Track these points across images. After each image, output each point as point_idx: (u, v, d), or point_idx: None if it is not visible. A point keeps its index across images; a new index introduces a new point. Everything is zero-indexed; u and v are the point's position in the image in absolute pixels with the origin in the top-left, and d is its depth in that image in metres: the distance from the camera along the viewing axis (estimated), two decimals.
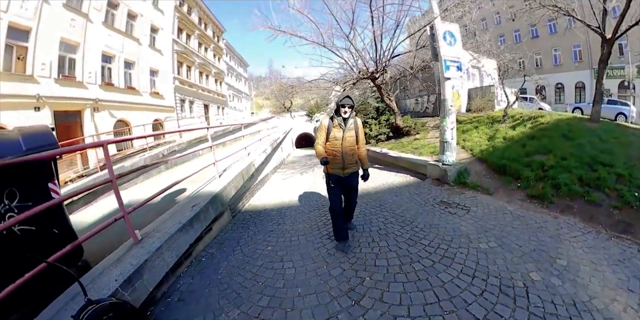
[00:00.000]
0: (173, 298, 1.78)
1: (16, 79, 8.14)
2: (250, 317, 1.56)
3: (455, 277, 1.72)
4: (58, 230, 2.00)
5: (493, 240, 2.18)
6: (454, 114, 4.22)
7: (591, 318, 1.48)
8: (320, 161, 2.22)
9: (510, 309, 1.42)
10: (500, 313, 1.40)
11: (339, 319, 1.49)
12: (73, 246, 1.47)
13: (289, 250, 2.37)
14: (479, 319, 1.36)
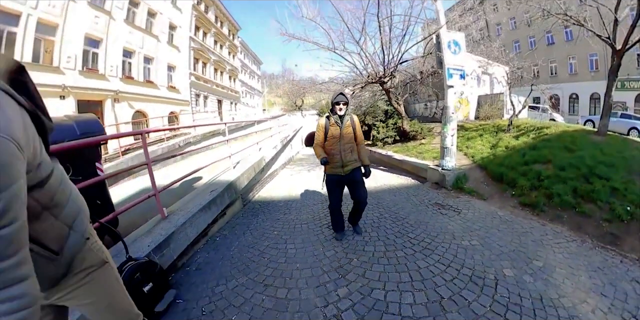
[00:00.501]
0: (192, 268, 2.13)
1: (44, 70, 8.78)
2: (256, 282, 1.92)
3: (431, 265, 1.98)
4: (100, 202, 2.35)
5: (476, 239, 2.39)
6: (455, 121, 4.41)
7: (555, 313, 1.62)
8: (320, 161, 2.25)
9: (476, 295, 1.64)
10: (465, 297, 1.62)
11: (327, 286, 1.83)
12: (115, 215, 1.79)
13: (292, 235, 2.70)
14: (444, 298, 1.60)
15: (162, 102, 13.98)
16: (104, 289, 0.81)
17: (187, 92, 16.28)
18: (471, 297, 1.62)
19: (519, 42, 23.17)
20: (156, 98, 13.47)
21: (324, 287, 1.81)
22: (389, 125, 9.05)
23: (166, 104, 14.31)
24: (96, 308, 0.78)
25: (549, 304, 1.70)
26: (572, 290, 1.86)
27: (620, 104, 16.70)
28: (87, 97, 10.30)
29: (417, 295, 1.65)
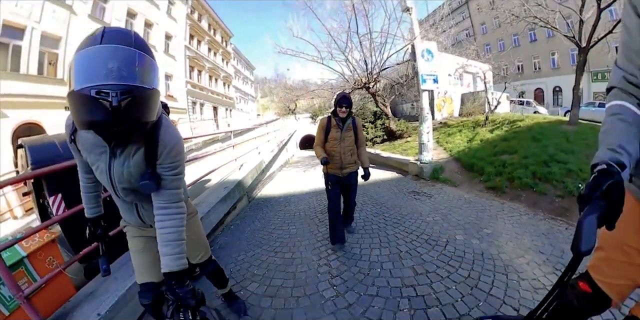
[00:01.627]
0: (215, 247, 2.69)
1: (48, 82, 9.14)
2: (269, 251, 2.51)
3: (396, 233, 2.58)
4: None
5: (439, 216, 2.97)
6: (430, 120, 5.01)
7: (492, 264, 2.07)
8: (320, 161, 2.26)
9: (427, 250, 2.22)
10: (419, 251, 2.21)
11: (320, 249, 2.47)
12: None
13: (293, 220, 3.27)
14: (402, 251, 2.19)
15: None
16: (195, 228, 1.37)
17: (184, 100, 16.78)
18: (423, 251, 2.21)
19: (503, 40, 23.94)
20: None
21: (318, 250, 2.42)
22: (377, 125, 9.67)
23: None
24: (191, 239, 1.33)
25: (488, 257, 2.14)
26: (512, 249, 2.25)
27: (602, 95, 17.63)
28: None
29: (383, 250, 2.26)
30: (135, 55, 0.72)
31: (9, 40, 8.10)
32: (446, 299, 1.62)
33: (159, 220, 0.99)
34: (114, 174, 0.95)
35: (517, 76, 21.95)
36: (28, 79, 8.42)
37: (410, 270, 1.95)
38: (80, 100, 0.68)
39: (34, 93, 8.51)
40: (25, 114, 8.35)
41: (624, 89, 0.72)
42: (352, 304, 1.64)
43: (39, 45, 8.91)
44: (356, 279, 1.89)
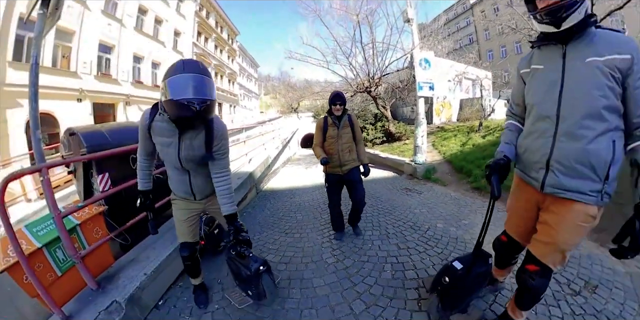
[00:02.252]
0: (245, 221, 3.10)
1: (62, 74, 9.52)
2: (280, 232, 2.95)
3: (387, 220, 3.02)
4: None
5: (425, 209, 3.40)
6: (424, 124, 5.43)
7: (464, 246, 2.48)
8: (320, 161, 2.29)
9: (409, 233, 2.67)
10: (404, 233, 2.65)
11: (323, 231, 2.91)
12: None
13: (299, 209, 3.72)
14: (389, 233, 2.64)
15: None
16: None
17: None
18: (407, 234, 2.65)
19: (505, 46, 24.41)
20: None
21: (321, 232, 2.87)
22: (378, 127, 10.07)
23: None
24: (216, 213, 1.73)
25: (461, 241, 2.56)
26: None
27: None
28: (102, 100, 11.13)
29: (374, 232, 2.70)
30: (204, 80, 1.19)
31: (24, 32, 8.39)
32: (420, 266, 2.07)
33: (216, 182, 1.50)
34: (182, 148, 1.40)
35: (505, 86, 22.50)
36: (42, 70, 8.80)
37: (395, 246, 2.39)
38: (177, 105, 1.17)
39: (47, 84, 8.80)
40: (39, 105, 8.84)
41: (510, 115, 1.38)
42: (348, 266, 2.12)
43: (54, 38, 9.26)
44: (352, 251, 2.34)
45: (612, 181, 1.03)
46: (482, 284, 1.50)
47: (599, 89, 0.98)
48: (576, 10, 0.97)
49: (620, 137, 1.02)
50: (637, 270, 2.21)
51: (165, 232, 2.40)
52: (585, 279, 2.06)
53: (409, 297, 1.75)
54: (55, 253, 1.79)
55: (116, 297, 1.69)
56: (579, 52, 1.03)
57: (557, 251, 1.16)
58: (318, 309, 1.71)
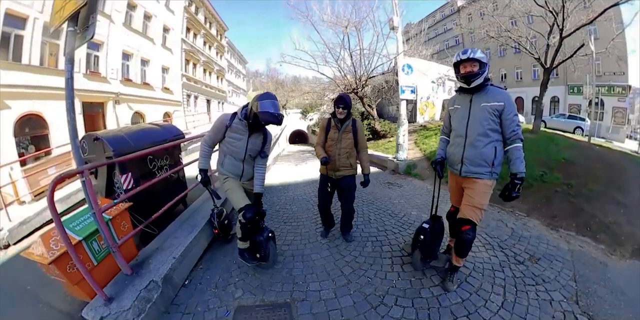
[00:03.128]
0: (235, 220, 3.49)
1: (50, 73, 9.15)
2: (279, 221, 3.40)
3: (369, 209, 3.57)
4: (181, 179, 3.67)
5: (403, 200, 3.95)
6: (406, 124, 6.00)
7: None
8: (320, 160, 2.30)
9: (388, 219, 3.22)
10: (383, 219, 3.21)
11: (316, 220, 3.32)
12: (190, 189, 3.16)
13: (293, 202, 4.17)
14: (371, 219, 3.18)
15: (158, 103, 14.82)
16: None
17: (179, 92, 17.12)
18: (385, 220, 3.21)
19: (490, 49, 25.18)
20: (152, 99, 14.30)
21: (315, 221, 3.33)
22: (364, 125, 10.63)
23: (161, 104, 15.16)
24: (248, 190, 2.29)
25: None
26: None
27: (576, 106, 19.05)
28: (91, 99, 10.93)
29: (358, 219, 3.21)
30: (278, 103, 1.98)
31: (11, 29, 8.13)
32: (394, 243, 2.66)
33: (256, 170, 2.23)
34: (249, 143, 2.09)
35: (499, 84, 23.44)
36: (29, 69, 8.47)
37: (375, 229, 2.95)
38: (268, 115, 1.89)
39: (35, 84, 8.57)
40: (27, 105, 8.34)
41: (442, 133, 2.19)
42: (338, 245, 2.70)
43: (41, 35, 8.95)
44: (340, 233, 2.87)
45: (496, 167, 1.87)
46: (442, 236, 2.25)
47: (486, 120, 1.81)
48: (479, 77, 1.78)
49: (500, 145, 1.85)
50: (579, 248, 2.81)
51: (183, 223, 2.82)
52: (530, 253, 2.62)
53: (384, 264, 2.40)
54: (91, 245, 2.11)
55: (152, 277, 2.06)
56: (478, 99, 1.85)
57: (476, 209, 1.87)
58: (317, 273, 2.31)
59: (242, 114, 2.05)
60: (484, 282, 2.15)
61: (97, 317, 1.80)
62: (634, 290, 2.16)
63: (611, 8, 5.97)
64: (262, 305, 1.94)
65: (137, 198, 2.72)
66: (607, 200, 3.80)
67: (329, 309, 1.88)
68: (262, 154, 2.20)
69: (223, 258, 2.60)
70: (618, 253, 2.78)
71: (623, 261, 2.65)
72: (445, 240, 2.42)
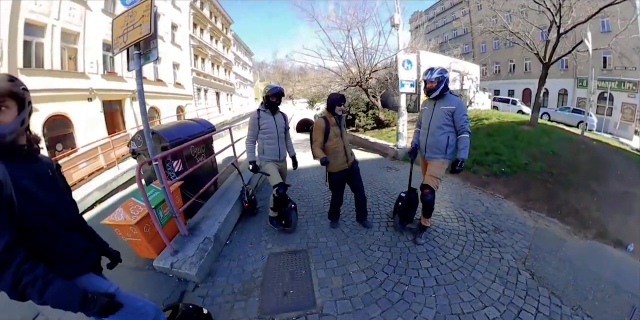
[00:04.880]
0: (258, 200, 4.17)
1: (72, 76, 9.79)
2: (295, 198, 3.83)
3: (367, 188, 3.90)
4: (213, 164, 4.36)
5: (397, 181, 4.60)
6: (405, 115, 6.55)
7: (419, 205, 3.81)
8: (320, 161, 2.47)
9: (382, 196, 3.93)
10: (378, 196, 3.91)
11: (324, 196, 4.04)
12: (222, 172, 3.91)
13: (304, 183, 4.84)
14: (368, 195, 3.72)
15: (171, 98, 15.62)
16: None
17: (190, 87, 17.85)
18: (380, 196, 3.91)
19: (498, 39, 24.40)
20: (165, 95, 15.09)
21: (323, 197, 4.05)
22: (369, 115, 11.11)
23: (174, 99, 15.96)
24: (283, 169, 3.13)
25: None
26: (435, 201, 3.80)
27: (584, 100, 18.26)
28: (110, 97, 11.57)
29: None
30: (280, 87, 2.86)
31: (31, 38, 8.47)
32: (383, 213, 3.45)
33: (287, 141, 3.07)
34: (276, 122, 2.86)
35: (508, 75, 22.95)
36: (52, 73, 8.93)
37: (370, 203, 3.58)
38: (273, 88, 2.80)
39: (59, 87, 9.05)
40: (53, 107, 8.87)
41: (417, 127, 2.89)
42: (343, 212, 3.39)
43: (60, 41, 9.41)
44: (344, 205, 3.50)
45: (450, 153, 2.54)
46: (416, 203, 2.85)
47: (442, 117, 2.50)
48: (436, 91, 2.47)
49: (453, 134, 2.52)
50: (545, 227, 3.13)
51: (219, 198, 3.58)
52: (496, 226, 3.07)
53: (373, 226, 3.14)
54: (158, 212, 2.79)
55: (206, 235, 2.80)
56: (439, 103, 2.54)
57: (433, 178, 2.55)
58: (325, 232, 3.10)
59: (262, 106, 2.84)
60: (447, 241, 2.77)
61: (167, 264, 2.53)
62: (582, 261, 2.51)
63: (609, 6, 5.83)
64: (287, 252, 2.74)
65: (185, 178, 3.39)
66: (583, 189, 4.14)
67: (332, 252, 2.70)
68: (285, 127, 2.96)
69: (253, 226, 3.35)
70: (582, 234, 3.09)
71: (584, 241, 2.97)
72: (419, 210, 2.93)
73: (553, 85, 19.15)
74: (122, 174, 7.59)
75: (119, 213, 2.71)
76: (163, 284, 2.41)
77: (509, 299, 2.03)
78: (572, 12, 6.48)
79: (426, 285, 2.19)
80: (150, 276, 2.54)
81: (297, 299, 2.13)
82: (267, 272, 2.46)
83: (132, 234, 2.69)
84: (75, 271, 1.11)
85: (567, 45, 7.28)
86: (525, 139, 6.11)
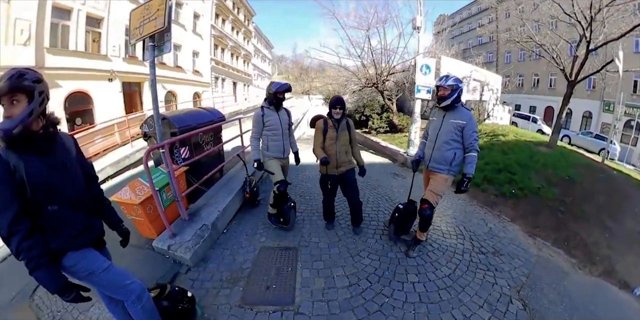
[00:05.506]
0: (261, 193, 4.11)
1: (95, 58, 10.22)
2: (296, 195, 3.98)
3: (371, 193, 4.15)
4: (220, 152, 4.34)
5: (403, 189, 4.48)
6: (419, 122, 6.41)
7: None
8: (320, 161, 2.49)
9: (383, 202, 3.85)
10: (379, 202, 3.84)
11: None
12: (227, 161, 3.92)
13: (308, 180, 4.80)
14: (370, 201, 3.80)
15: (188, 84, 15.84)
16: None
17: (208, 75, 18.04)
18: (380, 202, 3.85)
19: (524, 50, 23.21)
20: (183, 81, 15.30)
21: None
22: (383, 118, 10.90)
23: (191, 85, 16.18)
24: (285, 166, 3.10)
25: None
26: (439, 213, 3.50)
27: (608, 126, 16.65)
28: (130, 79, 11.96)
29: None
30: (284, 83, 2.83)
31: (58, 20, 8.86)
32: (382, 220, 3.37)
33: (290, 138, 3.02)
34: (281, 119, 2.81)
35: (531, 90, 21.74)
36: (76, 54, 9.41)
37: (370, 208, 3.59)
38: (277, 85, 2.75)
39: (81, 66, 9.51)
40: (75, 85, 9.42)
41: (423, 138, 2.79)
42: (338, 216, 3.34)
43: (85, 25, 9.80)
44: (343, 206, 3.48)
45: (454, 167, 2.43)
46: (414, 216, 2.70)
47: (451, 132, 2.36)
48: (447, 100, 2.32)
49: (460, 151, 2.39)
50: (548, 256, 2.91)
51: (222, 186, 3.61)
52: (496, 249, 2.88)
53: (368, 232, 3.10)
54: (162, 195, 2.82)
55: (204, 222, 2.84)
56: (449, 116, 2.39)
57: (434, 194, 2.46)
58: (319, 233, 3.09)
59: (267, 103, 2.79)
60: (441, 258, 2.64)
61: (165, 246, 2.60)
62: (583, 299, 2.30)
63: None
64: (278, 247, 2.77)
65: (191, 164, 3.41)
66: (595, 223, 3.78)
67: (322, 253, 2.70)
68: (289, 123, 2.95)
69: (251, 217, 3.36)
70: (587, 270, 2.85)
71: (588, 277, 2.73)
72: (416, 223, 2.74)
73: (577, 106, 17.76)
74: (135, 152, 7.75)
75: (126, 191, 2.77)
76: (159, 264, 2.51)
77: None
78: (604, 27, 6.01)
79: (408, 300, 2.11)
80: (149, 255, 2.63)
81: (277, 294, 2.17)
82: (255, 265, 2.51)
83: (136, 213, 2.78)
84: (71, 247, 1.25)
85: (597, 64, 6.79)
86: (541, 161, 5.71)
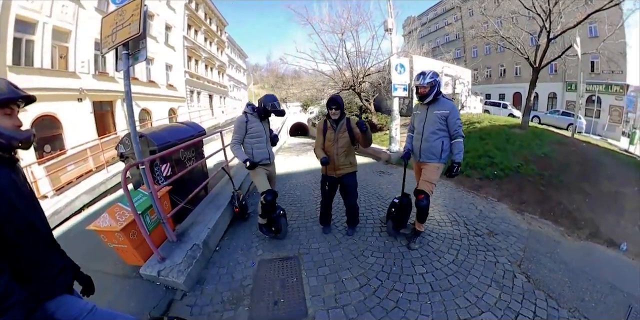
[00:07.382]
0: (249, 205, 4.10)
1: (62, 75, 9.38)
2: (286, 204, 3.97)
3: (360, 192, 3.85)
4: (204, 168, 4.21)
5: (391, 185, 4.59)
6: (398, 119, 6.58)
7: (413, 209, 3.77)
8: (320, 161, 2.46)
9: (374, 200, 3.88)
10: (371, 200, 3.86)
11: (316, 200, 3.94)
12: (212, 177, 3.82)
13: (296, 188, 4.79)
14: (361, 200, 3.75)
15: (163, 100, 15.37)
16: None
17: (182, 89, 17.62)
18: (373, 201, 3.88)
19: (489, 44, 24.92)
20: (158, 96, 14.82)
21: (315, 202, 3.97)
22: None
23: (166, 101, 15.71)
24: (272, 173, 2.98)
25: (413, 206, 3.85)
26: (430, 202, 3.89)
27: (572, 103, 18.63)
28: (100, 98, 11.19)
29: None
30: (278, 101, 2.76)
31: (22, 35, 8.08)
32: (377, 217, 3.37)
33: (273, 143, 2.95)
34: (265, 127, 2.78)
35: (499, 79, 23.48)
36: (42, 72, 8.58)
37: (363, 208, 3.59)
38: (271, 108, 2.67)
39: (48, 86, 8.69)
40: (41, 107, 8.47)
41: (410, 131, 2.85)
42: (333, 219, 3.31)
43: (51, 39, 9.05)
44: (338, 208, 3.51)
45: (443, 156, 2.52)
46: (409, 209, 2.80)
47: (436, 122, 2.48)
48: (429, 97, 2.44)
49: (447, 139, 2.51)
50: (539, 229, 3.12)
51: (209, 203, 3.49)
52: (490, 229, 3.05)
53: (367, 231, 3.12)
54: (145, 218, 2.68)
55: (195, 242, 2.71)
56: (432, 108, 2.52)
57: (428, 183, 2.54)
58: (317, 237, 3.05)
59: (250, 109, 2.74)
60: (442, 246, 2.76)
61: (154, 272, 2.44)
62: (577, 262, 2.52)
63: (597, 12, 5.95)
64: (278, 258, 2.67)
65: (174, 183, 3.28)
66: (575, 190, 4.16)
67: (325, 258, 2.64)
68: (271, 129, 2.94)
69: (243, 231, 3.28)
70: (575, 235, 3.09)
71: (577, 242, 2.98)
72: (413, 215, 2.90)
73: (543, 89, 19.56)
74: (111, 177, 7.37)
75: (105, 219, 2.60)
76: (150, 292, 2.33)
77: (505, 303, 2.01)
78: (561, 18, 6.65)
79: (421, 291, 2.15)
80: (137, 284, 2.46)
81: (288, 308, 2.06)
82: (257, 280, 2.40)
83: (118, 241, 2.59)
84: (53, 291, 1.07)
85: (557, 50, 7.48)
86: (517, 142, 6.18)
